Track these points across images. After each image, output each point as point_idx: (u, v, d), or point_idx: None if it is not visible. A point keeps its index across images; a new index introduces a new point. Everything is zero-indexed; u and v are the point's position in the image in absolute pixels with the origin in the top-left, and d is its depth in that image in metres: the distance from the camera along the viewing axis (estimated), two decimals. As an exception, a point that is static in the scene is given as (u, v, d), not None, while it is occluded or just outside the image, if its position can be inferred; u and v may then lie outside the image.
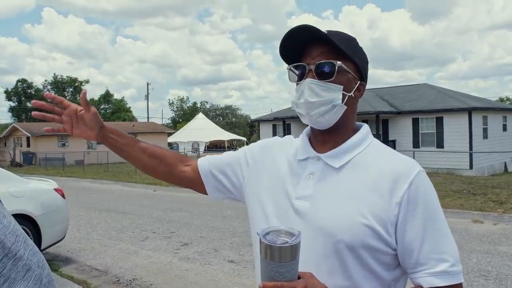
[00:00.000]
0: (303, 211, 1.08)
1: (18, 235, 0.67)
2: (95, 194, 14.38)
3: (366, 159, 1.09)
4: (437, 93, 22.11)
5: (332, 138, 1.13)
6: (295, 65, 1.12)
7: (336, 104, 1.08)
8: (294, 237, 0.92)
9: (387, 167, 1.06)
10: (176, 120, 76.25)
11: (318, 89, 1.07)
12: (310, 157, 1.14)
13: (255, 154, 1.28)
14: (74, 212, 9.68)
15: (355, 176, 1.07)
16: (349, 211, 1.03)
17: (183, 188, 11.57)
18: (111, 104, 70.56)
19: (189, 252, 6.56)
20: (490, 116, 20.77)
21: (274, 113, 29.07)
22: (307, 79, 1.08)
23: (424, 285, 1.02)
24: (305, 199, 1.09)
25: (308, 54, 1.10)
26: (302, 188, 1.11)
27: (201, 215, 9.80)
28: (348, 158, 1.10)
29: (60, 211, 6.00)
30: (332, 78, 1.07)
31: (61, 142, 36.38)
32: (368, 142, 1.14)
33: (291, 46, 1.11)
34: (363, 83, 1.14)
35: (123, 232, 8.12)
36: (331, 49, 1.07)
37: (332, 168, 1.10)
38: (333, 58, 1.07)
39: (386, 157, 1.10)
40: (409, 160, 1.09)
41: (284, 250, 0.90)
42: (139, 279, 5.30)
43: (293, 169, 1.16)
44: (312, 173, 1.11)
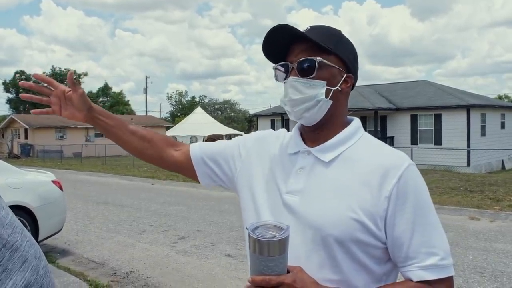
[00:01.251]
0: (293, 206, 1.08)
1: (15, 227, 0.67)
2: (93, 186, 14.38)
3: (356, 153, 1.09)
4: (436, 90, 22.11)
5: (323, 133, 1.13)
6: (280, 64, 1.14)
7: (320, 99, 1.08)
8: (283, 231, 0.93)
9: (376, 161, 1.06)
10: (175, 114, 76.15)
11: (301, 86, 1.08)
12: (301, 151, 1.14)
13: (249, 146, 1.28)
14: (72, 205, 9.67)
15: (345, 170, 1.07)
16: (338, 205, 1.03)
17: (181, 182, 11.63)
18: (110, 97, 70.41)
19: (186, 245, 6.58)
20: (488, 113, 20.80)
21: (273, 108, 29.07)
22: (290, 77, 1.10)
23: (414, 279, 1.02)
24: (295, 193, 1.09)
25: (291, 53, 1.11)
26: (293, 182, 1.11)
27: (199, 209, 9.81)
28: (338, 152, 1.10)
29: (58, 203, 6.00)
30: (314, 74, 1.08)
31: (59, 135, 36.34)
32: (359, 136, 1.14)
33: (276, 46, 1.12)
34: (350, 75, 1.14)
35: (121, 225, 8.13)
36: (312, 46, 1.08)
37: (322, 162, 1.10)
38: (314, 54, 1.08)
39: (376, 151, 1.10)
40: (399, 153, 1.09)
41: (273, 244, 0.90)
42: (136, 272, 5.31)
43: (284, 163, 1.17)
44: (302, 168, 1.12)
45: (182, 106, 78.84)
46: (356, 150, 1.10)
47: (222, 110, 78.70)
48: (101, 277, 5.14)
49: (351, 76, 1.14)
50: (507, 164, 21.55)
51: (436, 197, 10.63)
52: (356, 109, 20.16)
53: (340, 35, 1.14)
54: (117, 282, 4.99)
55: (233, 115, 76.22)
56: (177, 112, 76.41)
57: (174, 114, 76.19)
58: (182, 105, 79.32)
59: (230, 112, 77.72)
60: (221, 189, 13.17)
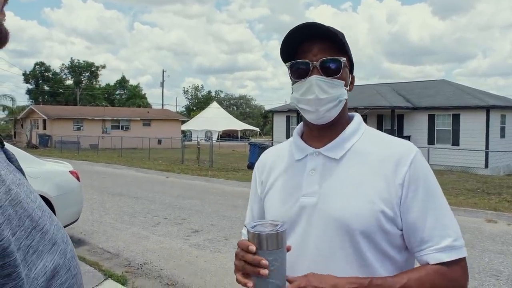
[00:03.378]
0: (311, 206, 1.10)
1: (44, 210, 0.69)
2: (109, 178, 14.55)
3: (365, 146, 1.13)
4: (455, 90, 21.76)
5: (330, 132, 1.15)
6: (298, 62, 1.12)
7: (342, 99, 1.11)
8: (279, 225, 0.97)
9: (386, 151, 1.10)
10: (190, 108, 76.52)
11: (325, 85, 1.09)
12: (309, 154, 1.16)
13: (258, 172, 1.31)
14: (88, 195, 9.80)
15: (357, 163, 1.10)
16: (358, 198, 1.05)
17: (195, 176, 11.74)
18: (127, 90, 71.02)
19: (200, 239, 6.62)
20: (508, 115, 20.39)
21: (288, 105, 28.96)
22: (314, 76, 1.09)
23: (431, 262, 1.04)
24: (312, 194, 1.11)
25: (308, 51, 1.11)
26: (307, 185, 1.12)
27: (213, 203, 9.86)
28: (347, 148, 1.13)
29: (75, 193, 6.08)
30: (339, 75, 1.10)
31: (77, 126, 36.83)
32: (362, 130, 1.17)
33: (288, 43, 1.13)
34: (353, 75, 1.19)
35: (135, 216, 8.22)
36: (332, 45, 1.10)
37: (333, 160, 1.12)
38: (336, 54, 1.10)
39: (384, 142, 1.14)
40: (405, 142, 1.13)
41: (271, 237, 0.94)
42: (150, 264, 5.37)
43: (293, 170, 1.18)
44: (314, 169, 1.13)
45: (198, 100, 79.21)
46: (364, 144, 1.13)
47: (238, 106, 78.83)
48: (116, 268, 5.21)
49: (354, 76, 1.20)
50: (526, 167, 21.11)
51: (453, 198, 10.49)
52: (373, 107, 19.97)
53: (344, 36, 1.15)
54: (131, 273, 5.05)
55: (248, 110, 76.32)
56: (193, 106, 76.80)
57: (190, 108, 76.58)
58: (198, 99, 79.69)
59: (246, 108, 77.83)
60: (235, 185, 13.23)
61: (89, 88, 66.75)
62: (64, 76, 68.34)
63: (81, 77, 68.09)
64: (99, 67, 69.68)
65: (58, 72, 67.80)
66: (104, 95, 67.48)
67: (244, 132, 56.30)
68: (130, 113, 41.67)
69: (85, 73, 68.77)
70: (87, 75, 69.04)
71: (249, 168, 17.57)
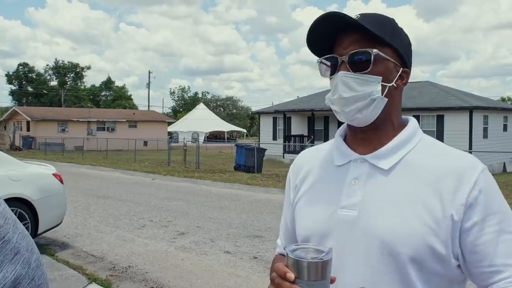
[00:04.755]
0: (350, 221, 0.95)
1: (7, 218, 0.67)
2: (94, 180, 14.39)
3: (419, 158, 0.96)
4: (439, 91, 22.05)
5: (376, 136, 0.99)
6: (327, 57, 1.00)
7: (375, 98, 0.95)
8: (324, 253, 0.84)
9: (445, 164, 0.94)
10: (177, 109, 76.19)
11: (353, 82, 0.95)
12: (352, 160, 1.00)
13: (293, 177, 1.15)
14: (72, 198, 9.68)
15: (409, 177, 0.94)
16: (407, 217, 0.90)
17: (181, 178, 11.67)
18: (112, 91, 70.42)
19: (186, 241, 6.58)
20: (491, 115, 20.74)
21: (275, 106, 29.04)
22: (340, 72, 0.96)
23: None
24: (352, 207, 0.96)
25: (339, 44, 0.98)
26: (347, 196, 0.98)
27: (199, 205, 9.81)
28: (398, 158, 0.96)
29: (58, 196, 6.00)
30: (369, 69, 0.94)
31: (61, 127, 36.37)
32: (418, 137, 1.00)
33: (319, 37, 0.99)
34: (407, 70, 1.01)
35: (120, 219, 8.14)
36: (365, 36, 0.94)
37: (380, 170, 0.97)
38: (368, 46, 0.94)
39: (442, 154, 0.97)
40: (468, 156, 0.96)
41: (314, 265, 0.81)
42: (135, 267, 5.31)
43: (332, 177, 1.03)
44: (356, 178, 0.98)
45: (184, 101, 78.91)
46: (418, 154, 0.97)
47: (225, 107, 78.74)
48: (100, 271, 5.15)
49: (407, 71, 1.01)
50: (508, 167, 21.48)
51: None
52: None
53: (394, 24, 1.00)
54: (115, 276, 4.99)
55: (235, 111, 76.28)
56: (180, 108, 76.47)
57: (176, 109, 76.27)
58: (184, 100, 79.38)
59: (233, 109, 77.78)
60: (221, 186, 13.20)
61: (74, 89, 66.03)
62: (48, 77, 67.51)
63: (66, 78, 67.28)
64: (84, 68, 69.00)
65: (42, 73, 66.94)
66: (89, 96, 66.83)
67: (231, 134, 56.24)
68: (115, 115, 41.31)
69: (70, 74, 67.99)
70: (72, 76, 68.26)
71: (236, 169, 17.55)
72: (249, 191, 12.14)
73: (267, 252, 5.96)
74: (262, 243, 6.48)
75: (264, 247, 6.25)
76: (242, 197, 10.99)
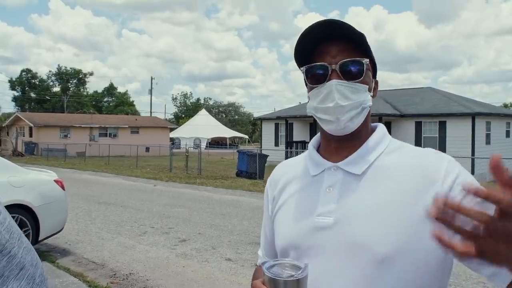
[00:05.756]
0: (328, 228, 0.95)
1: (12, 232, 0.66)
2: (95, 186, 14.39)
3: (389, 160, 0.98)
4: (441, 97, 22.03)
5: (350, 144, 1.01)
6: (313, 66, 0.99)
7: (365, 106, 0.97)
8: (300, 271, 0.84)
9: (414, 163, 0.95)
10: (179, 115, 76.36)
11: (347, 91, 0.96)
12: (326, 169, 1.02)
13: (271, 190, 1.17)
14: (74, 204, 9.68)
15: (382, 179, 0.96)
16: (383, 218, 0.91)
17: (183, 184, 11.65)
18: (115, 97, 70.68)
19: (187, 248, 6.55)
20: (493, 121, 20.68)
21: (277, 112, 29.04)
22: (333, 80, 0.95)
23: None
24: (328, 214, 0.96)
25: (326, 53, 0.97)
26: (323, 204, 0.98)
27: (200, 211, 9.78)
28: (369, 162, 0.98)
29: (59, 203, 5.99)
30: (361, 78, 0.97)
31: (64, 133, 36.46)
32: (387, 141, 1.03)
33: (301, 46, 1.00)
34: (377, 80, 1.06)
35: (122, 226, 8.11)
36: (351, 46, 0.97)
37: (353, 175, 0.98)
38: (356, 55, 0.97)
39: (410, 154, 0.99)
40: (433, 151, 1.00)
41: (290, 284, 0.83)
42: (136, 274, 5.29)
43: (308, 187, 1.04)
44: (331, 186, 0.99)
45: (186, 107, 79.11)
46: (389, 157, 0.99)
47: (227, 113, 78.87)
48: (101, 278, 5.12)
49: (377, 81, 1.07)
50: (511, 173, 21.40)
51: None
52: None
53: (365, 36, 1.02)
54: (116, 284, 4.97)
55: (237, 118, 76.39)
56: (182, 114, 76.64)
57: (179, 115, 76.44)
58: (186, 106, 79.57)
59: (235, 115, 77.90)
60: (223, 193, 13.17)
61: (77, 95, 66.28)
62: (51, 83, 67.82)
63: (69, 84, 67.58)
64: (87, 74, 69.32)
65: (45, 79, 67.27)
66: (92, 103, 67.04)
67: (233, 140, 56.27)
68: (118, 121, 41.40)
69: (73, 80, 68.31)
70: (74, 82, 68.57)
71: (238, 175, 17.52)
72: (251, 198, 12.11)
73: (269, 259, 5.93)
74: (264, 250, 6.45)
75: (265, 254, 6.22)
76: (244, 204, 10.96)
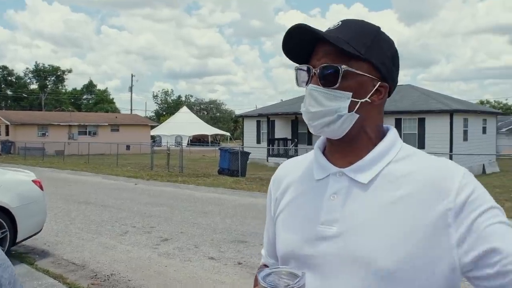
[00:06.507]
0: (330, 238, 0.92)
1: None
2: (75, 186, 14.16)
3: (399, 169, 0.93)
4: (420, 95, 22.36)
5: (351, 149, 0.96)
6: (301, 67, 0.97)
7: (342, 114, 0.91)
8: (297, 280, 0.82)
9: (426, 174, 0.90)
10: (160, 113, 75.66)
11: (321, 97, 0.92)
12: (331, 174, 0.97)
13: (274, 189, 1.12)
14: (52, 204, 9.50)
15: (390, 189, 0.90)
16: (388, 231, 0.87)
17: (164, 182, 11.57)
18: (94, 95, 69.64)
19: (169, 247, 6.50)
20: (470, 118, 21.10)
21: (259, 109, 29.08)
22: (310, 85, 0.93)
23: None
24: (331, 223, 0.92)
25: (315, 54, 0.94)
26: (326, 211, 0.94)
27: (182, 210, 9.72)
28: (377, 170, 0.93)
29: (38, 203, 5.87)
30: (337, 85, 0.90)
31: (41, 132, 35.76)
32: (398, 148, 0.96)
33: (298, 44, 0.96)
34: (384, 84, 0.95)
35: (102, 225, 8.00)
36: (338, 48, 0.90)
37: (359, 184, 0.93)
38: (339, 60, 0.90)
39: (422, 164, 0.93)
40: (448, 162, 0.93)
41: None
42: (117, 275, 5.22)
43: (312, 191, 0.99)
44: (335, 193, 0.94)
45: (167, 105, 78.43)
46: (398, 165, 0.93)
47: (208, 110, 78.50)
48: (81, 280, 5.04)
49: (386, 85, 0.95)
50: (487, 169, 21.88)
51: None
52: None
53: (375, 35, 0.94)
54: (97, 285, 4.90)
55: (218, 115, 76.07)
56: (163, 111, 75.97)
57: (159, 113, 75.72)
58: (167, 104, 78.91)
59: (216, 112, 77.56)
60: (205, 190, 13.11)
61: (55, 92, 65.04)
62: (28, 80, 66.37)
63: (46, 82, 66.25)
64: (65, 71, 68.06)
65: (22, 76, 65.82)
66: (71, 100, 65.92)
67: (215, 137, 56.04)
68: (97, 118, 40.82)
69: (51, 77, 66.97)
70: (52, 79, 67.24)
71: (220, 173, 17.47)
72: (233, 195, 12.09)
73: (252, 258, 5.93)
74: (247, 248, 6.45)
75: (248, 252, 6.22)
76: (226, 202, 10.94)
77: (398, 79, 1.00)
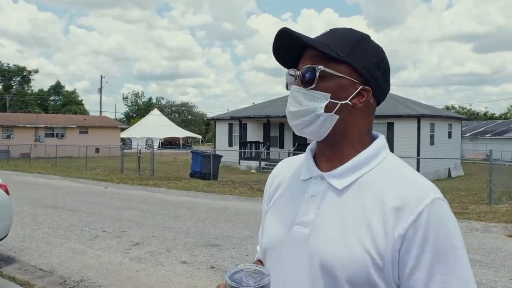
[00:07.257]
0: (302, 240, 0.95)
1: None
2: (42, 189, 13.77)
3: (375, 180, 0.93)
4: (389, 99, 22.83)
5: (334, 153, 0.98)
6: (290, 71, 1.02)
7: (319, 114, 0.94)
8: (263, 277, 0.85)
9: (395, 190, 0.89)
10: (130, 115, 74.53)
11: (302, 97, 0.95)
12: (313, 177, 1.00)
13: (268, 186, 1.17)
14: (18, 208, 9.22)
15: (359, 199, 0.92)
16: (350, 241, 0.88)
17: (135, 186, 11.41)
18: (62, 96, 67.96)
19: (141, 252, 6.42)
20: (437, 123, 21.76)
21: (231, 112, 29.05)
22: (293, 86, 0.98)
23: None
24: (306, 225, 0.95)
25: (302, 58, 0.99)
26: (303, 212, 0.97)
27: (154, 214, 9.61)
28: (353, 178, 0.94)
29: (3, 208, 5.69)
30: (313, 85, 0.94)
31: (6, 134, 34.60)
32: (381, 158, 0.97)
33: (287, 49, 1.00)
34: (367, 88, 0.96)
35: (71, 230, 7.82)
36: (319, 52, 0.94)
37: (335, 189, 0.95)
38: (319, 62, 0.94)
39: (398, 178, 0.92)
40: (424, 184, 0.91)
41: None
42: (87, 280, 5.12)
43: (295, 190, 1.03)
44: (313, 196, 0.97)
45: (138, 107, 77.36)
46: (375, 176, 0.94)
47: (180, 113, 77.83)
48: (49, 286, 4.92)
49: (368, 89, 0.96)
50: (453, 172, 22.61)
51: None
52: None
53: (358, 41, 0.97)
54: (66, 291, 4.79)
55: (190, 118, 75.57)
56: (133, 113, 74.88)
57: (130, 115, 74.60)
58: (138, 106, 77.82)
59: (188, 115, 77.02)
60: (177, 194, 13.01)
61: (20, 93, 63.04)
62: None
63: (11, 82, 64.14)
64: (32, 71, 66.08)
65: (-15, 77, 63.45)
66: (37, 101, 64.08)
67: (186, 140, 55.64)
68: (65, 120, 39.84)
69: (16, 77, 64.90)
70: (18, 80, 65.16)
71: (192, 176, 17.36)
72: (205, 199, 12.04)
73: (225, 261, 5.93)
74: (219, 252, 6.44)
75: (221, 256, 6.21)
76: (198, 205, 10.88)
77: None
